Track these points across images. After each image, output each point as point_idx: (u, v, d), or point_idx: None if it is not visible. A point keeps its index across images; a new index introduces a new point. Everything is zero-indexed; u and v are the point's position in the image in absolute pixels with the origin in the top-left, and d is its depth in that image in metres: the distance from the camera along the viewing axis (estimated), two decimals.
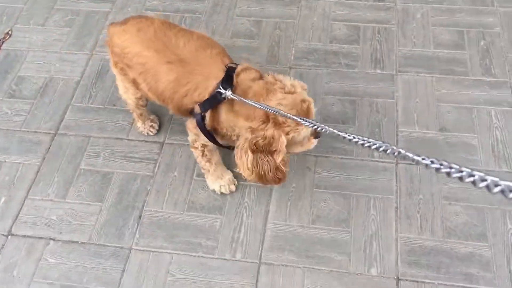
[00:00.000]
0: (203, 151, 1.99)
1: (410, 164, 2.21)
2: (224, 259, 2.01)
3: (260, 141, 1.61)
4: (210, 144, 1.93)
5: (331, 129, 1.30)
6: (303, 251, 2.01)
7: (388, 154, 1.06)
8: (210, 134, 1.83)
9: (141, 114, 2.31)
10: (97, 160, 2.34)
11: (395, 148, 1.04)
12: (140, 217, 2.14)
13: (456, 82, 2.48)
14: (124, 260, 2.03)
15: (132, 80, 1.93)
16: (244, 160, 1.64)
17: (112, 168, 2.31)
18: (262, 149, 1.62)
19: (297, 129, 1.62)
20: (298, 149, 1.79)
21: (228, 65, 1.76)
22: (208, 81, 1.73)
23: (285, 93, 1.64)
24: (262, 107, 1.56)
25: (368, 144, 1.11)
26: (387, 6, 2.87)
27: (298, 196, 2.16)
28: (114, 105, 2.54)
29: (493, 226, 2.02)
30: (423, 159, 0.94)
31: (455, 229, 2.02)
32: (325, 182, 2.19)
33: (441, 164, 0.90)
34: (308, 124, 1.41)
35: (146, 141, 2.39)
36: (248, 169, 1.66)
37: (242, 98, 1.61)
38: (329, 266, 1.96)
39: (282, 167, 1.68)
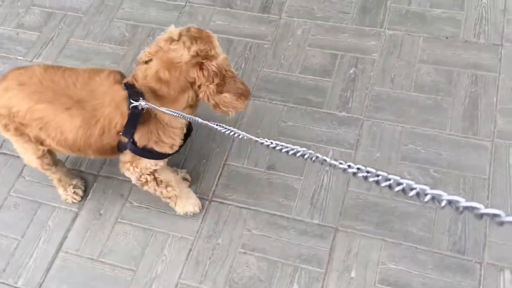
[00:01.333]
0: (155, 179, 1.83)
1: (222, 202, 2.08)
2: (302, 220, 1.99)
3: (217, 78, 1.60)
4: (159, 163, 1.79)
5: (246, 134, 1.23)
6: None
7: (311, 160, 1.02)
8: (152, 151, 1.71)
9: (59, 180, 2.07)
10: None
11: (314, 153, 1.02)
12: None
13: (306, 114, 2.28)
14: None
15: (34, 138, 1.75)
16: (229, 102, 1.65)
17: None
18: (221, 80, 1.61)
19: (212, 43, 1.62)
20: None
21: (124, 81, 1.68)
22: (117, 107, 1.63)
23: (176, 41, 1.61)
24: (177, 115, 1.47)
25: (286, 150, 1.05)
26: (271, 19, 2.65)
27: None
28: None
29: (279, 284, 1.87)
30: (340, 163, 0.93)
31: (239, 282, 1.90)
32: None
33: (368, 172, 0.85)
34: (225, 130, 1.26)
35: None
36: (235, 103, 1.67)
37: (156, 107, 1.55)
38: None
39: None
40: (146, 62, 1.68)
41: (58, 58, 2.66)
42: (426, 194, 0.75)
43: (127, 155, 1.76)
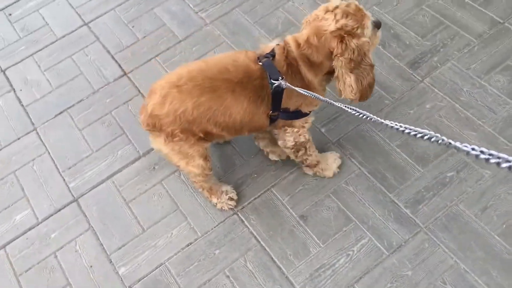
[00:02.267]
0: (305, 135, 1.94)
1: (242, 221, 2.11)
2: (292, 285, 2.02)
3: (352, 55, 1.63)
4: (309, 120, 1.92)
5: (374, 117, 1.24)
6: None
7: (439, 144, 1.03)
8: (302, 113, 1.85)
9: (211, 189, 2.11)
10: None
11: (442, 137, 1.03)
12: None
13: (372, 189, 2.11)
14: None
15: (201, 131, 1.79)
16: (348, 83, 1.68)
17: None
18: (357, 59, 1.64)
19: (363, 23, 1.65)
20: (371, 48, 1.73)
21: (257, 56, 1.75)
22: (263, 78, 1.72)
23: (330, 12, 1.66)
24: (311, 95, 1.57)
25: (413, 133, 1.08)
26: (412, 77, 2.42)
27: None
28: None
29: None
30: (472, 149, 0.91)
31: None
32: None
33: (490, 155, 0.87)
34: (356, 113, 1.30)
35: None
36: (353, 89, 1.69)
37: (296, 88, 1.62)
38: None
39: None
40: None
41: (215, 20, 2.87)
42: None
43: (279, 123, 1.87)
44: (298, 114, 1.83)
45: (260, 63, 1.71)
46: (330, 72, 1.74)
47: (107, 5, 3.09)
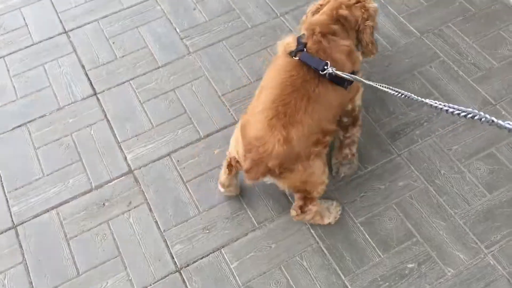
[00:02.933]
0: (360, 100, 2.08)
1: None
2: None
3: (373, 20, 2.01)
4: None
5: (412, 95, 1.32)
6: None
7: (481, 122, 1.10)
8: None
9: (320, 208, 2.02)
10: None
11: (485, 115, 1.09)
12: None
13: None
14: None
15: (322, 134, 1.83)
16: (374, 46, 2.07)
17: None
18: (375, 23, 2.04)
19: None
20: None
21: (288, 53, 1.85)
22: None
23: None
24: (352, 79, 1.68)
25: (457, 112, 1.14)
26: (390, 149, 2.28)
27: None
28: None
29: None
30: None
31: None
32: None
33: None
34: (394, 92, 1.40)
35: None
36: (377, 48, 2.11)
37: (339, 72, 1.69)
38: None
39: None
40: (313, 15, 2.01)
41: (199, 51, 2.73)
42: None
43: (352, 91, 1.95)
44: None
45: (297, 58, 1.79)
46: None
47: (92, 15, 2.94)
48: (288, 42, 1.89)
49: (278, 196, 2.15)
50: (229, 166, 1.97)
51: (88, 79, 2.66)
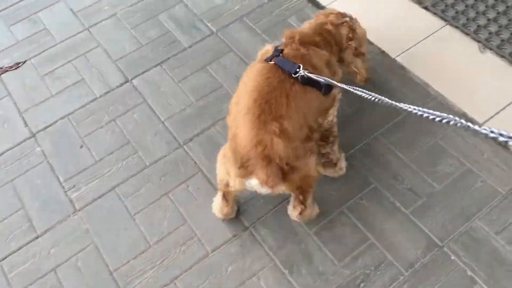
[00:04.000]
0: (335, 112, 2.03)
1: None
2: None
3: (357, 42, 2.09)
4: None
5: (387, 99, 1.30)
6: None
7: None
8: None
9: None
10: None
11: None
12: None
13: None
14: None
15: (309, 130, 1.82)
16: (358, 67, 2.14)
17: None
18: (361, 44, 2.13)
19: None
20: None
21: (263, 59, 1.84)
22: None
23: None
24: (334, 83, 1.61)
25: (432, 117, 1.13)
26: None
27: None
28: None
29: None
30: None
31: None
32: None
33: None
34: (368, 96, 1.37)
35: None
36: (364, 69, 2.17)
37: (312, 75, 1.69)
38: None
39: None
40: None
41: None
42: None
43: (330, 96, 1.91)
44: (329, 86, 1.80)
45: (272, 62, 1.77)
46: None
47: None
48: (267, 49, 1.90)
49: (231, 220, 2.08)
50: (226, 195, 1.94)
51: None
